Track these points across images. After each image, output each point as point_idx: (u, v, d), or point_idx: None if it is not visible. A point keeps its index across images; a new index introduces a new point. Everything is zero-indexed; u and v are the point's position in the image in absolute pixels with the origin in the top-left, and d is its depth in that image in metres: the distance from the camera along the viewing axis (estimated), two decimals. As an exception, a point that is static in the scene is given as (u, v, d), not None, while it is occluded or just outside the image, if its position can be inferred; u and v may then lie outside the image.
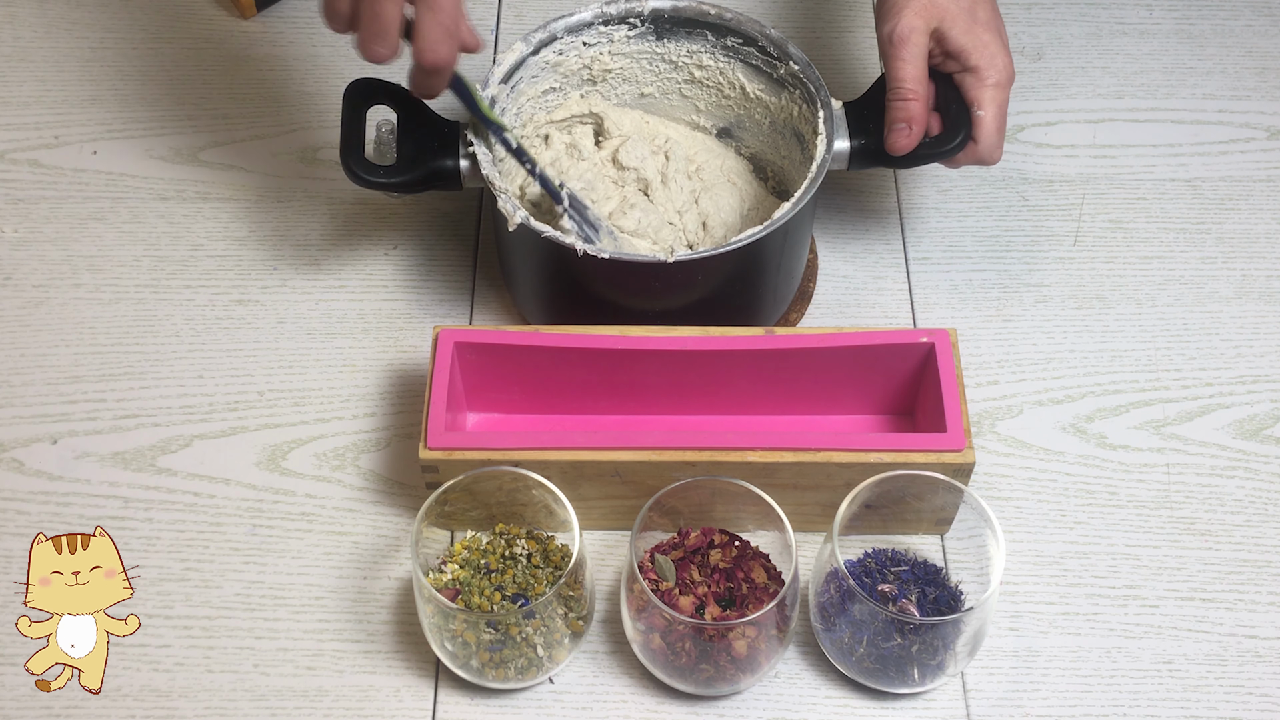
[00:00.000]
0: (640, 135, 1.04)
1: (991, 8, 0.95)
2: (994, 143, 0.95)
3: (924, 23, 0.93)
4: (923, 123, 0.94)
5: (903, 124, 0.93)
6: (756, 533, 0.89)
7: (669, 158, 1.03)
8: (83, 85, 1.16)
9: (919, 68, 0.93)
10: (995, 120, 0.94)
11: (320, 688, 0.87)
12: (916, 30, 0.92)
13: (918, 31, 0.92)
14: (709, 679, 0.84)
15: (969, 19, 0.93)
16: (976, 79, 0.93)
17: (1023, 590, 0.92)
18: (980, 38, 0.93)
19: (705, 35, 1.01)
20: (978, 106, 0.94)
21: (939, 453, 0.87)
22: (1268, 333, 1.04)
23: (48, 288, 1.05)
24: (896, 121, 0.94)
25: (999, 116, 0.94)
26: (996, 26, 0.94)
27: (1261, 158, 1.14)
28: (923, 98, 0.94)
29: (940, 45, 0.94)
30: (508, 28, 1.22)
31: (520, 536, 0.88)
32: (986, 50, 0.93)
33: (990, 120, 0.94)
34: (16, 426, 0.98)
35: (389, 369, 1.01)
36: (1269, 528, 0.94)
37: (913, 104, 0.93)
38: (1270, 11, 1.23)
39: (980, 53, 0.93)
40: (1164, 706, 0.87)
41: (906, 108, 0.93)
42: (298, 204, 1.10)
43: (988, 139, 0.94)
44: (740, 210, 1.03)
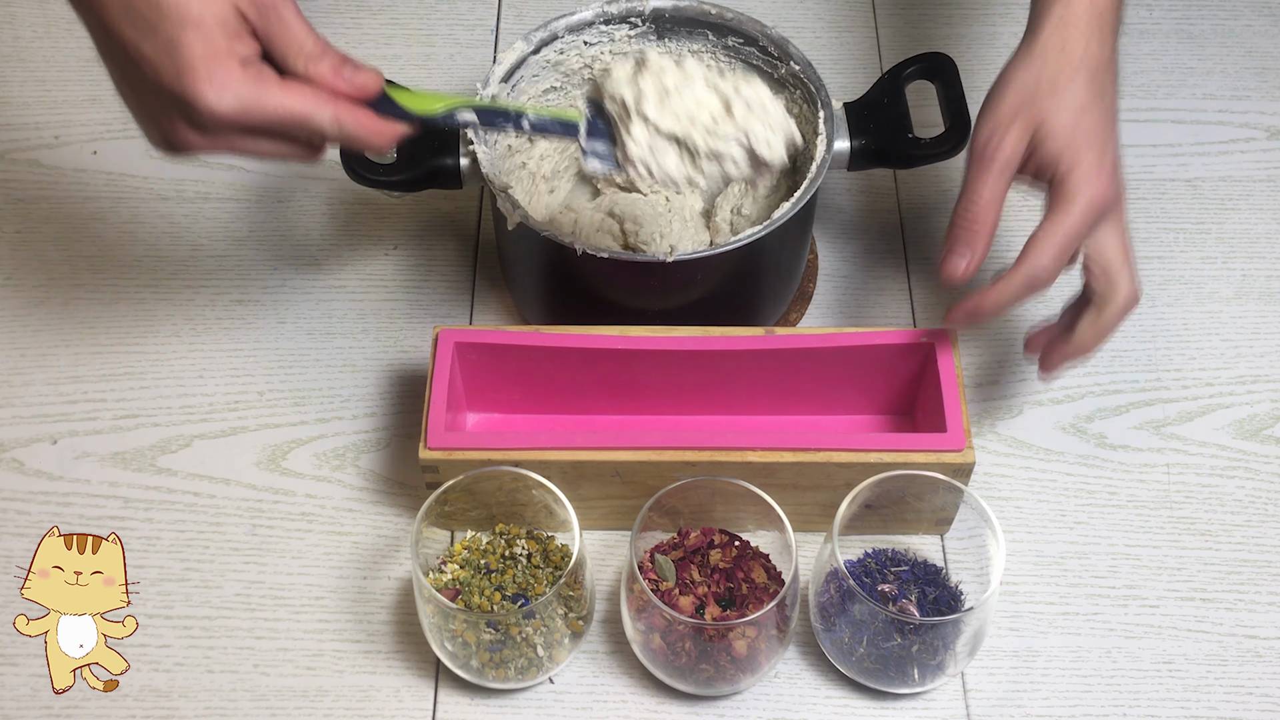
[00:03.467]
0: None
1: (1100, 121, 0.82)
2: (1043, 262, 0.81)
3: (1020, 141, 0.82)
4: (984, 252, 0.83)
5: (964, 249, 0.83)
6: (756, 533, 0.89)
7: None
8: (83, 85, 1.16)
9: (999, 187, 0.82)
10: (1059, 237, 0.81)
11: (320, 688, 0.87)
12: (1014, 152, 0.82)
13: (1015, 153, 0.82)
14: (709, 679, 0.84)
15: (1069, 133, 0.81)
16: (1058, 193, 0.82)
17: (1023, 590, 0.92)
18: (1078, 152, 0.81)
19: (706, 35, 1.01)
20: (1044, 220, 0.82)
21: (939, 453, 0.87)
22: (1268, 333, 1.04)
23: (48, 288, 1.05)
24: (957, 245, 0.83)
25: (1065, 234, 0.81)
26: (1103, 142, 0.82)
27: (1261, 158, 1.14)
28: (992, 223, 0.82)
29: (1030, 160, 0.83)
30: (508, 27, 1.22)
31: (520, 536, 0.88)
32: (1080, 165, 0.81)
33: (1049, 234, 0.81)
34: (16, 426, 0.98)
35: (389, 369, 1.01)
36: (1269, 528, 0.94)
37: (980, 228, 0.82)
38: (1270, 11, 1.23)
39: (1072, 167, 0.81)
40: (1164, 706, 0.87)
41: (972, 232, 0.82)
42: (298, 204, 1.10)
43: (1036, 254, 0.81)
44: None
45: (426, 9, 1.23)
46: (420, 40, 1.21)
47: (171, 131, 0.71)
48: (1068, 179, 0.82)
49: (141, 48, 0.68)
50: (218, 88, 0.68)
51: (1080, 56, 0.83)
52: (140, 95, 0.70)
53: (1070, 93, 0.82)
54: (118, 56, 0.70)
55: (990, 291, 0.83)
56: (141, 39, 0.68)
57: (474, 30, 1.22)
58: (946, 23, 1.23)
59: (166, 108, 0.70)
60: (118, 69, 0.71)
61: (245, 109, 0.69)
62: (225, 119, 0.69)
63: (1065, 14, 0.83)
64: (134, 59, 0.69)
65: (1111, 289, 0.84)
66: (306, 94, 0.71)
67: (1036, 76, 0.83)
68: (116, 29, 0.68)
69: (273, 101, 0.69)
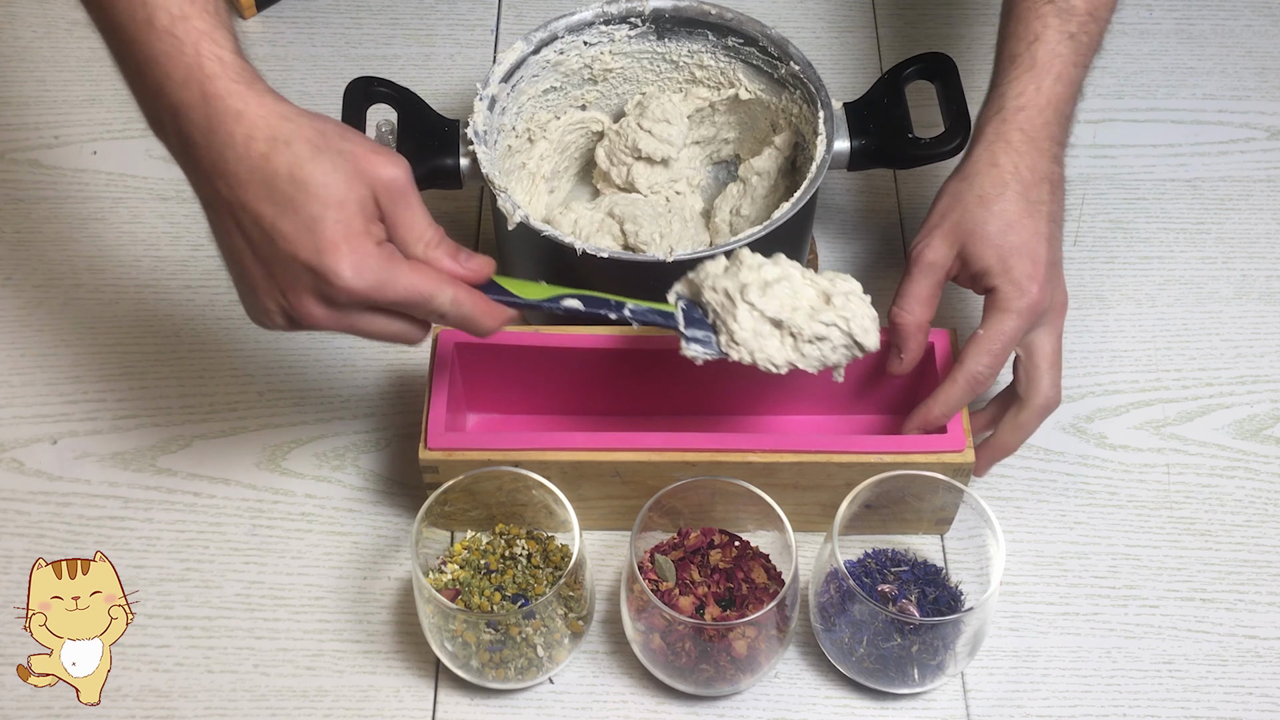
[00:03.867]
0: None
1: (1032, 234, 0.86)
2: (978, 364, 0.86)
3: (948, 249, 0.87)
4: (917, 348, 0.88)
5: (895, 348, 0.88)
6: (756, 533, 0.89)
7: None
8: (83, 85, 1.16)
9: (924, 288, 0.87)
10: (992, 343, 0.86)
11: (320, 688, 0.87)
12: (939, 257, 0.87)
13: (939, 258, 0.87)
14: (709, 679, 0.84)
15: (998, 242, 0.85)
16: (992, 301, 0.86)
17: (1023, 590, 0.92)
18: (1007, 261, 0.85)
19: (706, 35, 1.01)
20: (981, 325, 0.87)
21: (939, 453, 0.87)
22: (1268, 333, 1.04)
23: (48, 288, 1.05)
24: (893, 343, 0.88)
25: (999, 340, 0.86)
26: (1033, 253, 0.86)
27: (1261, 158, 1.14)
28: (916, 319, 0.87)
29: (965, 269, 0.88)
30: (508, 27, 1.22)
31: (520, 537, 0.88)
32: (1008, 275, 0.85)
33: (985, 340, 0.86)
34: (16, 426, 0.98)
35: (389, 369, 1.01)
36: (1269, 528, 0.94)
37: (905, 325, 0.87)
38: (1270, 11, 1.23)
39: (1002, 276, 0.85)
40: (1164, 707, 0.87)
41: (898, 330, 0.88)
42: (298, 204, 1.09)
43: (973, 357, 0.86)
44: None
45: (426, 9, 1.23)
46: (420, 40, 1.21)
47: (296, 305, 0.72)
48: (1000, 288, 0.86)
49: (280, 224, 0.70)
50: (356, 265, 0.70)
51: (1011, 172, 0.87)
52: (267, 267, 0.72)
53: (999, 205, 0.86)
54: (249, 230, 0.71)
55: (935, 403, 0.87)
56: (280, 216, 0.70)
57: (474, 30, 1.22)
58: (946, 23, 1.23)
59: (296, 282, 0.71)
60: (245, 242, 0.72)
61: (379, 286, 0.71)
62: (358, 295, 0.71)
63: (999, 132, 0.88)
64: (269, 234, 0.70)
65: (1032, 390, 0.88)
66: (430, 275, 0.73)
67: (968, 189, 0.87)
68: (253, 205, 0.70)
69: (403, 281, 0.72)
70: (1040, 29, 0.89)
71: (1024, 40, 0.90)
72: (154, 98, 0.71)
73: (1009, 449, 0.90)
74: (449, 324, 0.76)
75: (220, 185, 0.71)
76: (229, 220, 0.72)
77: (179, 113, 0.70)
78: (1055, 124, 0.89)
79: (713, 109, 1.05)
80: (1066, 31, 0.89)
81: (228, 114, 0.69)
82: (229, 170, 0.70)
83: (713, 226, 1.04)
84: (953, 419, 0.88)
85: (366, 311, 0.73)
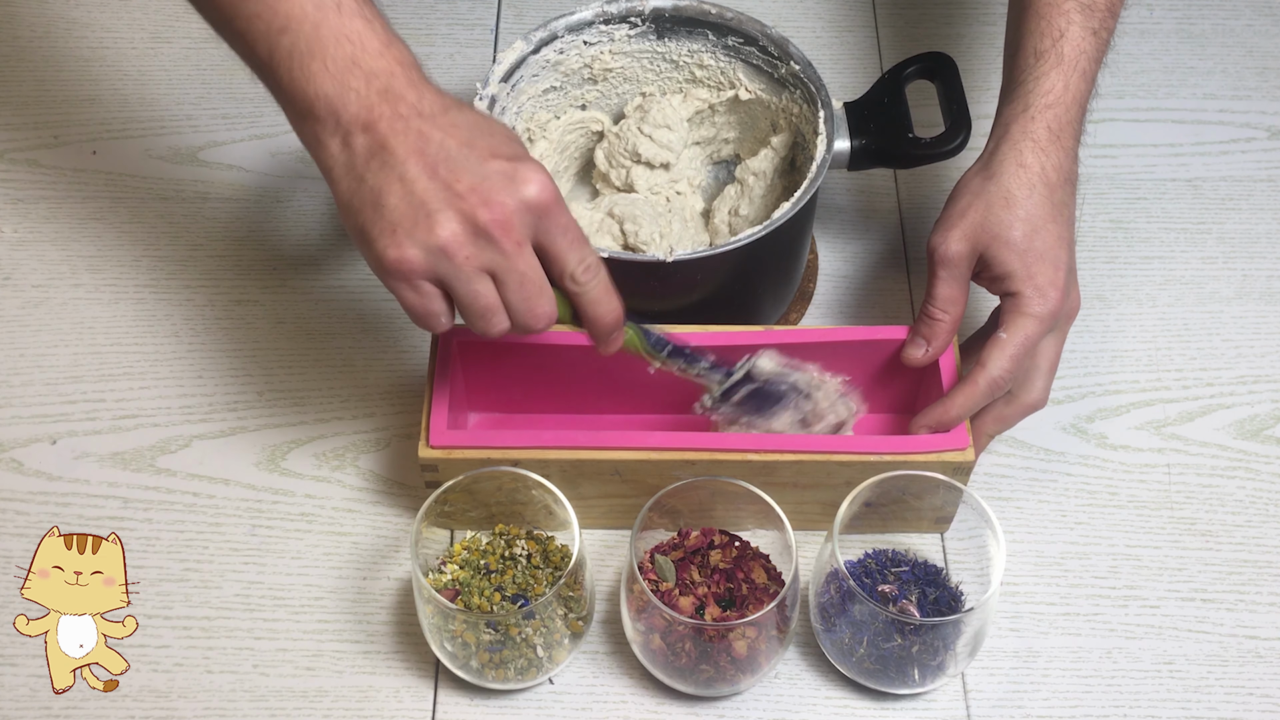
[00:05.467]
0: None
1: (1055, 239, 0.87)
2: (1001, 369, 0.86)
3: (970, 247, 0.87)
4: (944, 344, 0.89)
5: (922, 340, 0.89)
6: (756, 533, 0.89)
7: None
8: (82, 85, 1.16)
9: (954, 289, 0.88)
10: (1015, 348, 0.86)
11: (320, 688, 0.87)
12: (961, 256, 0.87)
13: (962, 257, 0.87)
14: (709, 680, 0.84)
15: (1023, 247, 0.86)
16: (1013, 305, 0.87)
17: (1023, 591, 0.92)
18: (1030, 268, 0.86)
19: (706, 35, 1.01)
20: (1001, 329, 0.87)
21: (939, 452, 0.87)
22: (1268, 333, 1.04)
23: (48, 288, 1.05)
24: (917, 335, 0.89)
25: (1021, 345, 0.86)
26: (1055, 258, 0.86)
27: (1262, 158, 1.14)
28: (951, 319, 0.88)
29: (987, 270, 0.88)
30: (508, 27, 1.22)
31: (520, 537, 0.88)
32: (1032, 281, 0.86)
33: (1007, 344, 0.86)
34: (16, 426, 0.98)
35: (389, 369, 1.01)
36: (1269, 528, 0.94)
37: (939, 324, 0.88)
38: (1271, 11, 1.23)
39: (1026, 282, 0.86)
40: (1164, 707, 0.87)
41: (932, 326, 0.89)
42: (298, 204, 1.10)
43: (995, 362, 0.86)
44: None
45: (426, 9, 1.23)
46: (420, 40, 1.21)
47: (479, 207, 0.71)
48: (1023, 293, 0.86)
49: (476, 138, 0.73)
50: (549, 179, 0.73)
51: (1039, 173, 0.87)
52: (447, 183, 0.71)
53: (1025, 208, 0.86)
54: (435, 149, 0.72)
55: (953, 404, 0.87)
56: (476, 132, 0.73)
57: (474, 30, 1.22)
58: (946, 23, 1.23)
59: (485, 182, 0.72)
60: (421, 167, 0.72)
61: (560, 200, 0.73)
62: (548, 196, 0.72)
63: (1025, 130, 0.87)
64: (465, 144, 0.72)
65: (1025, 389, 0.89)
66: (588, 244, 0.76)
67: (995, 188, 0.87)
68: (446, 128, 0.73)
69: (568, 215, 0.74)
70: (1065, 25, 0.89)
71: (1049, 36, 0.89)
72: (346, 71, 0.73)
73: (986, 432, 0.91)
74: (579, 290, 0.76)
75: (414, 120, 0.72)
76: (409, 145, 0.72)
77: (374, 78, 0.73)
78: (1079, 121, 0.88)
79: (713, 110, 1.05)
80: (1090, 28, 0.89)
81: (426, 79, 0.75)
82: (424, 109, 0.72)
83: (712, 227, 1.04)
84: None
85: (528, 244, 0.73)
